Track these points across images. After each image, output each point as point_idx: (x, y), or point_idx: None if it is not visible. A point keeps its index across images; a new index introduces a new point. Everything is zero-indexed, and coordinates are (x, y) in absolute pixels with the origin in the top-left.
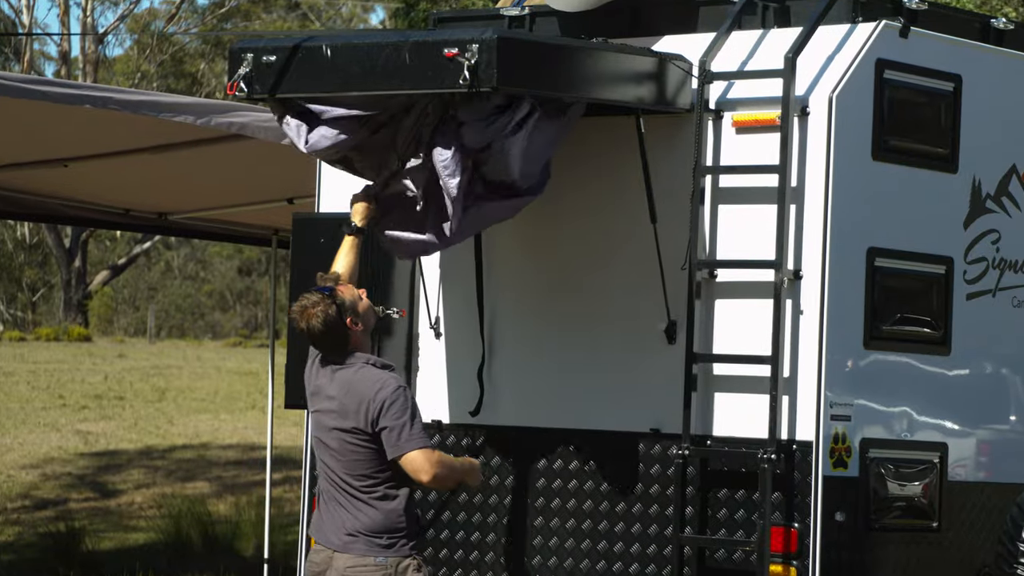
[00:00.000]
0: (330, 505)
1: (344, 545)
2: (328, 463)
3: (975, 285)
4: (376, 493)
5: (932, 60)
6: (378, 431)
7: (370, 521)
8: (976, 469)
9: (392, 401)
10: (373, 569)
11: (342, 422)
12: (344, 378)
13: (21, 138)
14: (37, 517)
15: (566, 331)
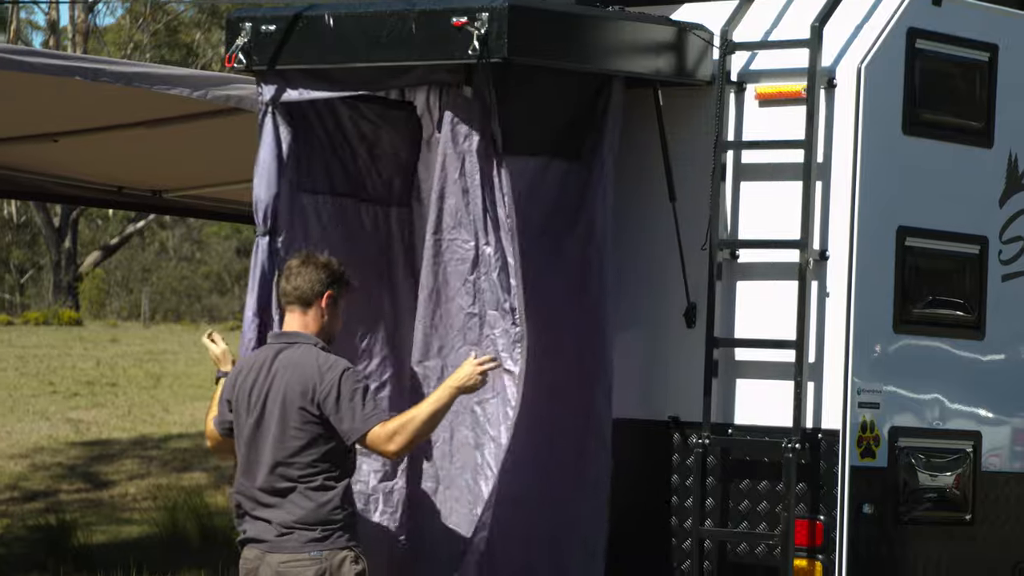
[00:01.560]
0: (258, 496)
1: (277, 542)
2: (264, 447)
3: (1011, 266)
4: (314, 483)
5: (966, 29)
6: (327, 415)
7: (304, 513)
8: (1011, 459)
9: (339, 380)
10: (308, 563)
11: (287, 397)
12: (287, 360)
13: (8, 112)
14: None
15: None
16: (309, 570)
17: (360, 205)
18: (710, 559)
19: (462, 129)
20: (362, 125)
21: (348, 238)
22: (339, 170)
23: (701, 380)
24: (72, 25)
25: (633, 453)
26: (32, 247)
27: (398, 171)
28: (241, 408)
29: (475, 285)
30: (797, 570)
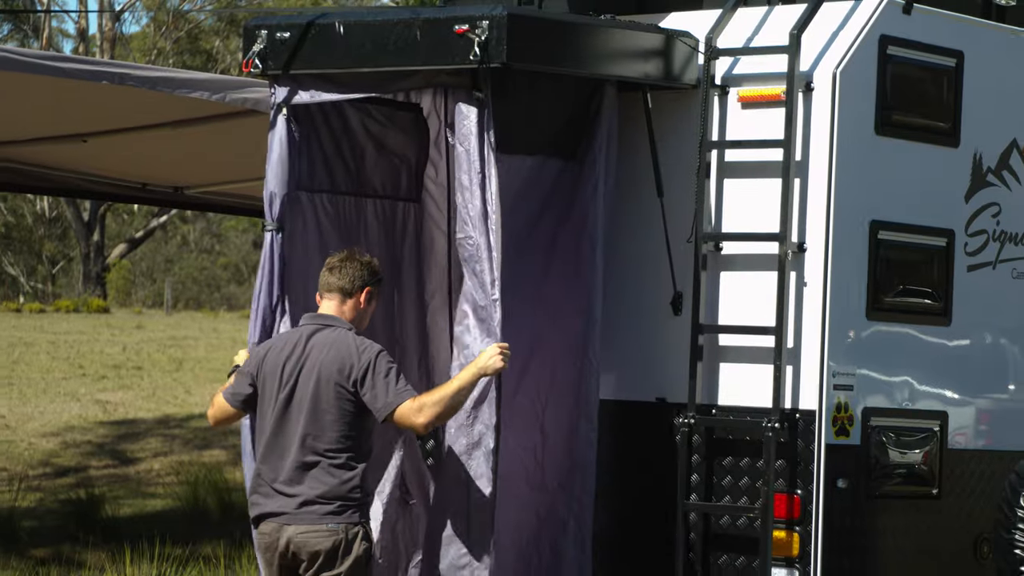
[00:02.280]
0: (281, 469)
1: (296, 514)
2: (292, 420)
3: (976, 257)
4: (338, 460)
5: (934, 36)
6: (362, 392)
7: (326, 489)
8: (975, 437)
9: (374, 359)
10: (327, 534)
11: (323, 375)
12: (323, 340)
13: (40, 114)
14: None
15: None
16: (327, 540)
17: (368, 201)
18: (695, 531)
19: (463, 130)
20: (370, 126)
21: (355, 233)
22: (348, 168)
23: (687, 364)
24: (100, 33)
25: (623, 432)
26: (63, 240)
27: (406, 169)
28: (271, 383)
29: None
30: (776, 541)
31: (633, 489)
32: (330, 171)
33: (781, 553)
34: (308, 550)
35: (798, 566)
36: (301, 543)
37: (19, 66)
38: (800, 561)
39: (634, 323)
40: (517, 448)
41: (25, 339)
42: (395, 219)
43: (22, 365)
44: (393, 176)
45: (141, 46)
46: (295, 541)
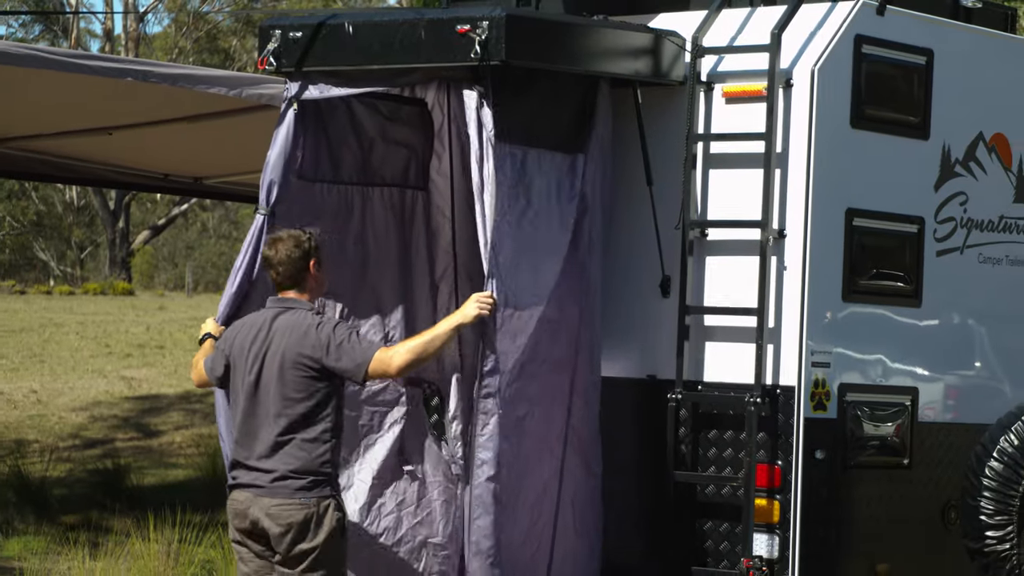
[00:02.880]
0: (253, 447)
1: (270, 488)
2: (261, 400)
3: (944, 243)
4: (308, 436)
5: (906, 36)
6: (329, 366)
7: (298, 464)
8: (944, 411)
9: (332, 332)
10: (299, 507)
11: (284, 356)
12: (285, 322)
13: (69, 108)
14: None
15: None
16: (299, 513)
17: (376, 190)
18: (682, 499)
19: (464, 123)
20: (377, 119)
21: (361, 221)
22: (356, 159)
23: (675, 343)
24: (125, 33)
25: (616, 407)
26: (90, 227)
27: (411, 159)
28: (239, 365)
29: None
30: (758, 508)
31: (625, 461)
32: (337, 162)
33: (762, 520)
34: (282, 522)
35: (778, 532)
36: (275, 515)
37: (50, 64)
38: (780, 527)
39: (625, 305)
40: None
41: (55, 320)
42: (403, 206)
43: (52, 344)
44: (400, 166)
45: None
46: (269, 513)
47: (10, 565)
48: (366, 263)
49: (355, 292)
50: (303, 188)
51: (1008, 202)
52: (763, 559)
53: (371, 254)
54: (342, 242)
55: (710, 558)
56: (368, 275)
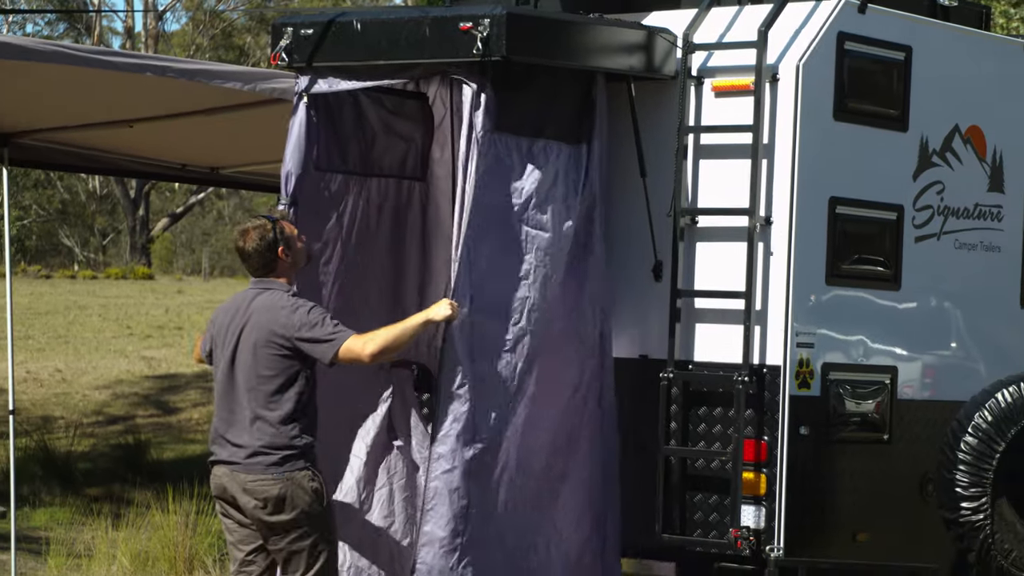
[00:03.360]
0: (231, 423)
1: (245, 464)
2: (238, 380)
3: (922, 230)
4: (280, 412)
5: (886, 33)
6: (301, 346)
7: (269, 439)
8: (922, 389)
9: (306, 317)
10: (272, 482)
11: (258, 337)
12: (263, 302)
13: (92, 102)
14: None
15: None
16: (274, 488)
17: (376, 181)
18: (673, 472)
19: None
20: (381, 112)
21: (365, 209)
22: (361, 150)
23: (666, 324)
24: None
25: None
26: (112, 215)
27: (413, 151)
28: (219, 342)
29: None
30: (745, 481)
31: (621, 435)
32: (344, 153)
33: (749, 492)
34: (258, 496)
35: (764, 503)
36: (251, 490)
37: (74, 60)
38: (766, 499)
39: (620, 288)
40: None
41: (79, 303)
42: (400, 195)
43: (76, 326)
44: (400, 157)
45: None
46: (246, 488)
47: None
48: (365, 247)
49: (351, 274)
50: (317, 178)
51: (983, 191)
52: (750, 529)
53: (369, 240)
54: (345, 228)
55: (700, 528)
56: (365, 258)
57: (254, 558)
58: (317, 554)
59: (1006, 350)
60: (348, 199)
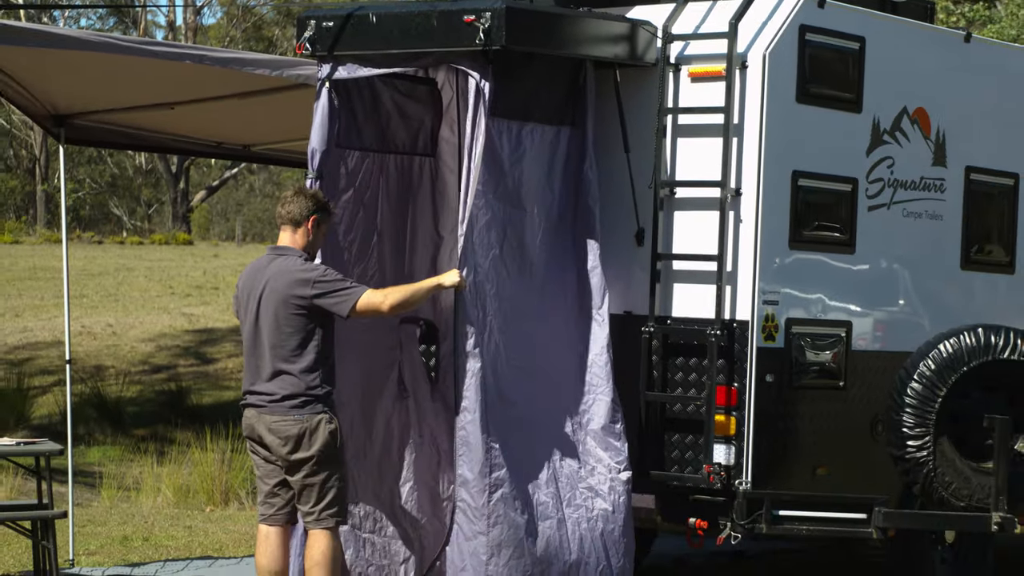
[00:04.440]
0: (259, 373)
1: (270, 407)
2: (262, 336)
3: (874, 200)
4: (300, 364)
5: (843, 25)
6: (318, 303)
7: (292, 388)
8: (873, 341)
9: (322, 276)
10: (293, 423)
11: (278, 296)
12: (280, 265)
13: (138, 87)
14: (153, 379)
15: None
16: (294, 427)
17: (391, 157)
18: (654, 416)
19: (467, 104)
20: (395, 96)
21: (380, 182)
22: (376, 130)
23: (648, 284)
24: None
25: None
26: (156, 187)
27: (423, 130)
28: (242, 304)
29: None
30: (717, 423)
31: None
32: (362, 132)
33: (721, 433)
34: (280, 435)
35: (734, 443)
36: (275, 430)
37: (122, 50)
38: (736, 439)
39: (607, 252)
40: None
41: (127, 265)
42: (412, 170)
43: (125, 286)
44: (412, 136)
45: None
46: (271, 428)
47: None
48: (381, 217)
49: (369, 240)
50: (338, 154)
51: (928, 165)
52: (721, 465)
53: (384, 210)
54: (363, 199)
55: (677, 465)
56: (381, 227)
57: (278, 491)
58: (327, 489)
59: (947, 307)
60: (365, 173)
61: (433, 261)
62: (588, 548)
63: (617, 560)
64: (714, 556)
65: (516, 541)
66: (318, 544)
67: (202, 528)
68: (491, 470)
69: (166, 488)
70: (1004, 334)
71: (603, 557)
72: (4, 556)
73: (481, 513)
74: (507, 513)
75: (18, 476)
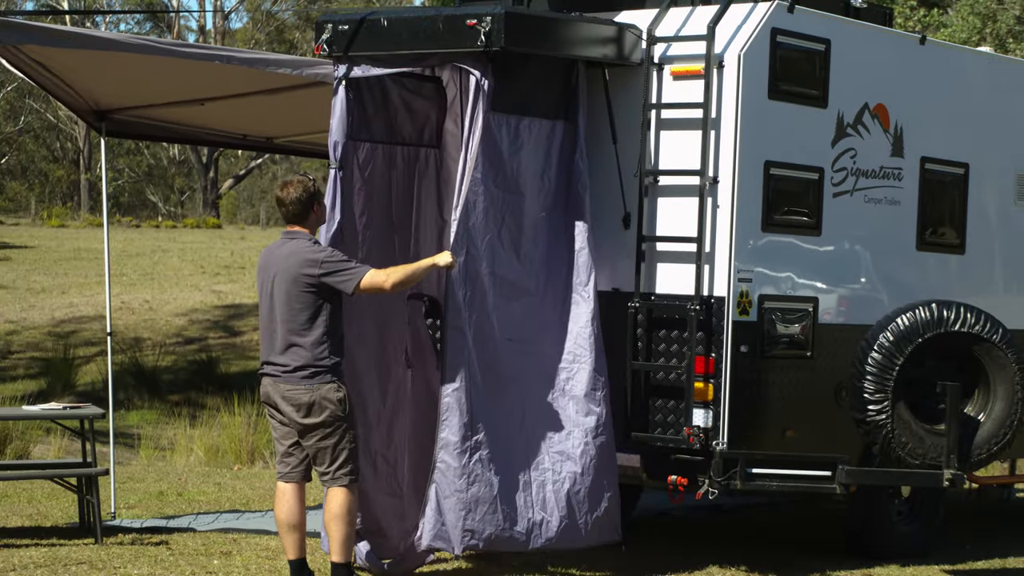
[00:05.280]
0: (274, 346)
1: (284, 377)
2: (276, 312)
3: (839, 187)
4: (310, 338)
5: (810, 28)
6: (325, 281)
7: (302, 360)
8: (837, 315)
9: (329, 257)
10: (304, 391)
11: (289, 276)
12: (292, 247)
13: (172, 85)
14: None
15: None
16: (305, 395)
17: (399, 148)
18: (639, 383)
19: (469, 98)
20: (403, 93)
21: (390, 171)
22: (387, 123)
23: (634, 263)
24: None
25: None
26: (188, 176)
27: (429, 124)
28: (261, 283)
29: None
30: (696, 389)
31: None
32: (371, 125)
33: (700, 398)
34: (293, 403)
35: (712, 407)
36: (288, 398)
37: (158, 51)
38: (713, 404)
39: (596, 234)
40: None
41: (162, 247)
42: (418, 160)
43: (160, 265)
44: (419, 129)
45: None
46: (285, 396)
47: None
48: (391, 202)
49: (380, 223)
50: (352, 147)
51: (887, 156)
52: (700, 427)
53: (393, 196)
54: (373, 186)
55: (660, 427)
56: (390, 211)
57: (292, 451)
58: (340, 451)
59: (904, 284)
60: (376, 163)
61: (438, 243)
62: (551, 507)
63: (580, 518)
64: (694, 510)
65: (491, 499)
66: (335, 499)
67: (230, 484)
68: (472, 434)
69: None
70: (955, 309)
71: (566, 516)
72: (52, 509)
73: (460, 473)
74: (484, 473)
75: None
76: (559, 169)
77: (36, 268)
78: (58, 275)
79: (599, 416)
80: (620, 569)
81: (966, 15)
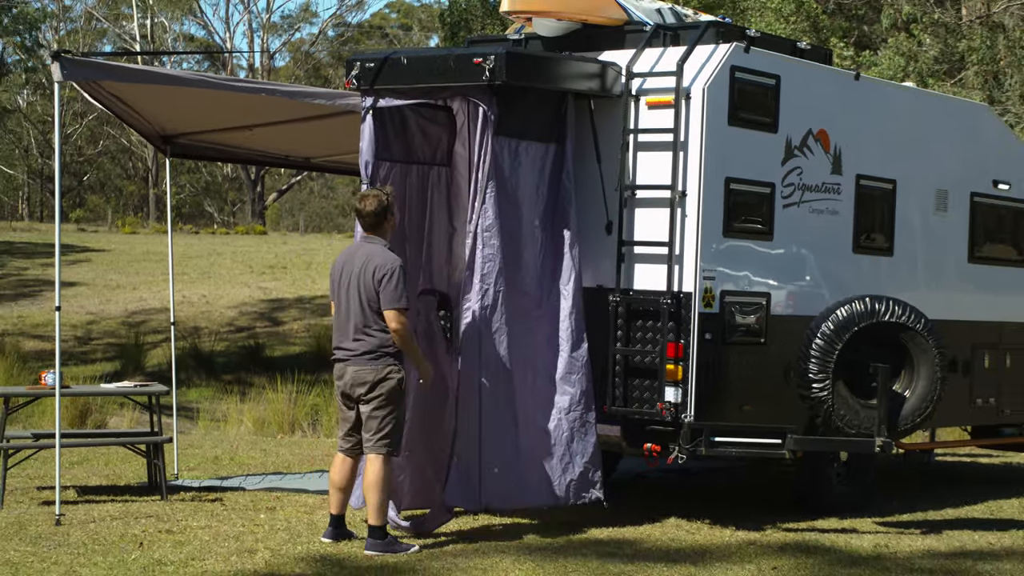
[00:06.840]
0: (347, 334)
1: (354, 360)
2: (351, 305)
3: (788, 200)
4: (376, 327)
5: (763, 66)
6: (377, 287)
7: (369, 347)
8: (786, 308)
9: (387, 272)
10: (369, 371)
11: (363, 276)
12: (368, 250)
13: (226, 113)
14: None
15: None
16: (371, 375)
17: (414, 167)
18: (619, 365)
19: (476, 126)
20: (419, 120)
21: (406, 186)
22: (403, 146)
23: (615, 264)
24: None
25: None
26: (239, 190)
27: (441, 146)
28: (336, 280)
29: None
30: (668, 371)
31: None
32: (391, 147)
33: (671, 378)
34: (360, 380)
35: (681, 386)
36: (357, 376)
37: (214, 86)
38: (682, 383)
39: (583, 240)
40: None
41: (217, 250)
42: (430, 177)
43: (215, 265)
44: (432, 150)
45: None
46: (353, 376)
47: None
48: (407, 214)
49: (398, 234)
50: (377, 165)
51: (828, 173)
52: (671, 403)
53: (409, 207)
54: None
55: (637, 403)
56: (406, 221)
57: (353, 433)
58: (385, 423)
59: (843, 281)
60: (395, 179)
61: (448, 247)
62: (539, 471)
63: (563, 480)
64: (666, 473)
65: (500, 464)
66: (372, 468)
67: (274, 451)
68: (485, 407)
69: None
70: (885, 302)
71: (551, 478)
72: (125, 471)
73: (477, 441)
74: (495, 441)
75: (135, 411)
76: (551, 186)
77: (112, 268)
78: (130, 274)
79: (573, 395)
80: (601, 522)
81: (893, 55)
